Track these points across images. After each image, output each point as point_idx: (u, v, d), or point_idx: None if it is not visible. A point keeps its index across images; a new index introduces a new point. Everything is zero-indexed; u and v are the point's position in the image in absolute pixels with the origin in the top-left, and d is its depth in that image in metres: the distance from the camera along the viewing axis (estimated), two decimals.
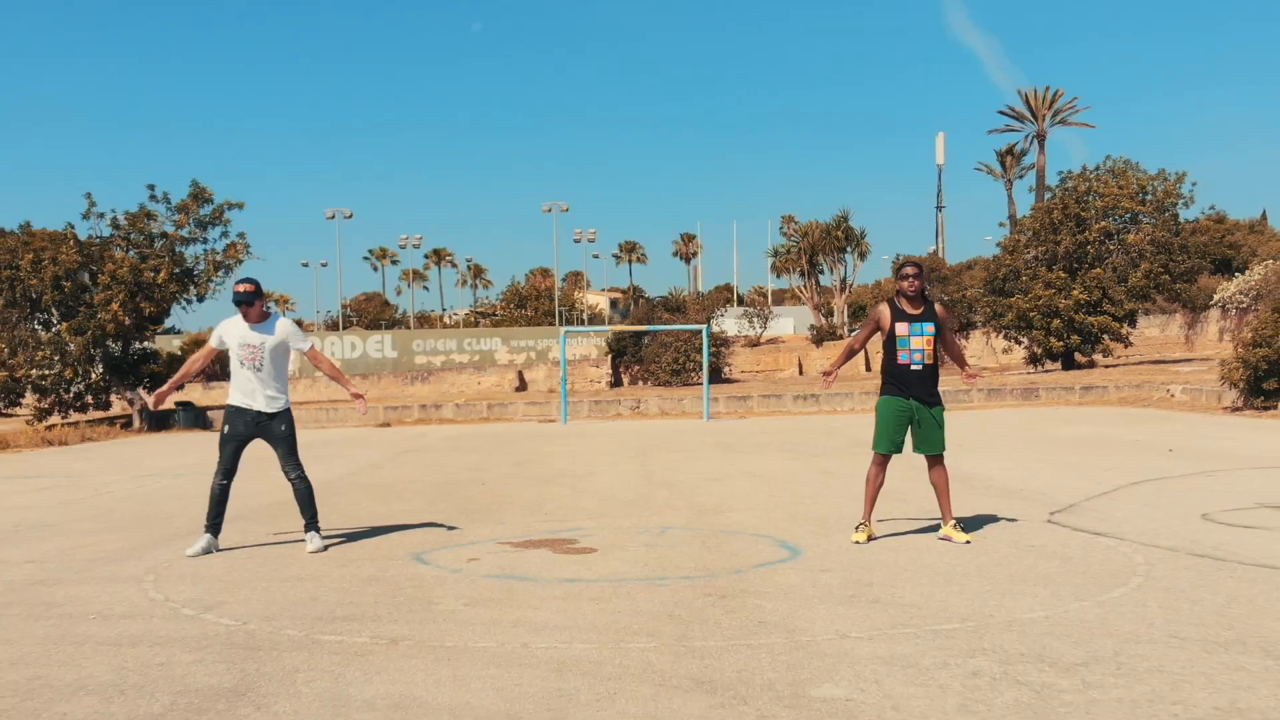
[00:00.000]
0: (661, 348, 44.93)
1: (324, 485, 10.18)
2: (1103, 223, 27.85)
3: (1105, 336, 28.18)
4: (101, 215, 24.40)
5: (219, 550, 6.91)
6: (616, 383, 47.34)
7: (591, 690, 3.86)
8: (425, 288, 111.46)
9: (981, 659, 4.12)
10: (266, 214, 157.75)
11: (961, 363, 7.00)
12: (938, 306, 6.79)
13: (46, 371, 23.90)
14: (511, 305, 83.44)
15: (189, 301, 24.74)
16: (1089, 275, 27.86)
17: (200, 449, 17.08)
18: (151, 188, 24.68)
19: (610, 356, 47.92)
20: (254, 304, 6.82)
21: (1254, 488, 9.07)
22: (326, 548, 6.93)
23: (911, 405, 6.67)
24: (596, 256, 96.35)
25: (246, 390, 6.83)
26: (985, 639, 4.42)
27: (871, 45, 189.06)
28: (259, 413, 6.83)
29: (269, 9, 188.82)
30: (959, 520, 6.95)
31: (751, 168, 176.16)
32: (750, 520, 7.87)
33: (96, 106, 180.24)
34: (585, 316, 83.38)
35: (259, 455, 8.20)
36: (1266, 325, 19.55)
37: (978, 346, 40.91)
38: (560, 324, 70.00)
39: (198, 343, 49.76)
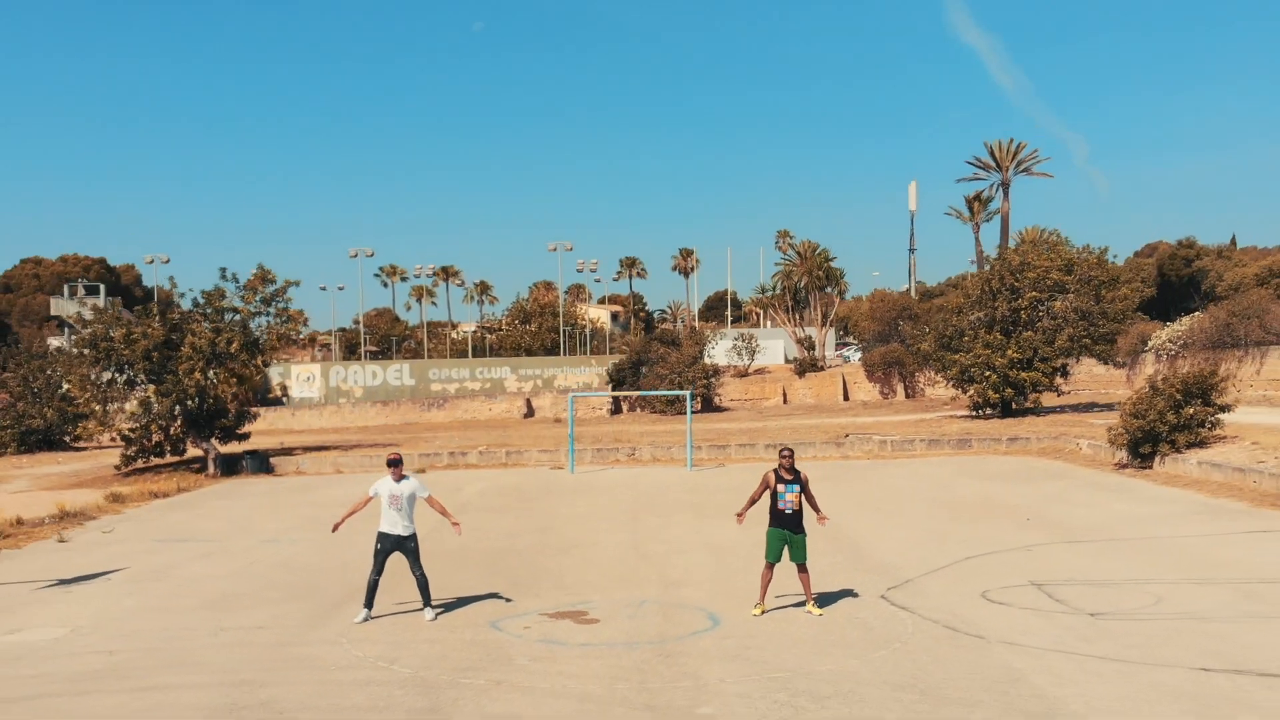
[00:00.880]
0: (657, 379, 49.43)
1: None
2: (1032, 292, 32.47)
3: (1036, 389, 32.85)
4: (183, 294, 29.19)
5: (372, 618, 11.45)
6: (616, 410, 51.95)
7: (598, 711, 8.39)
8: (434, 304, 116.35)
9: (781, 693, 8.66)
10: (269, 216, 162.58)
11: (816, 510, 11.52)
12: (802, 474, 11.34)
13: (135, 425, 28.66)
14: (517, 321, 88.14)
15: (256, 367, 29.44)
16: (1022, 337, 32.50)
17: (288, 508, 21.70)
18: (223, 270, 29.51)
19: (610, 386, 52.44)
20: (398, 467, 11.40)
21: (1047, 565, 13.49)
22: (438, 617, 11.48)
23: (785, 533, 11.21)
24: (599, 281, 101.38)
25: (391, 522, 11.38)
26: (790, 683, 8.96)
27: (874, 45, 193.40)
28: (398, 536, 11.38)
29: (269, 11, 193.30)
30: (818, 597, 11.51)
31: (749, 174, 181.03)
32: (696, 594, 12.43)
33: (95, 108, 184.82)
34: (587, 331, 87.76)
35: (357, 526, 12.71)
36: (1143, 401, 24.18)
37: (941, 388, 45.53)
38: (563, 340, 74.34)
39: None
